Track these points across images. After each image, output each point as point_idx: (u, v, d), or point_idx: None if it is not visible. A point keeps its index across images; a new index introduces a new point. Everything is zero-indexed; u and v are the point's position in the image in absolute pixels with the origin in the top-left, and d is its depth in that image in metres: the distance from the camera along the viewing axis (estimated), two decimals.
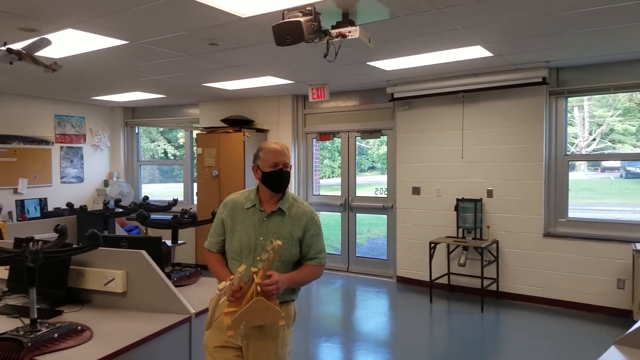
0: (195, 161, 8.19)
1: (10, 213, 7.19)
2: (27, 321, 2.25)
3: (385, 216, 7.27)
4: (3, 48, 3.88)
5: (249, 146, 7.30)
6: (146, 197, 5.10)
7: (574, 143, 6.40)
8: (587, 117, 6.87)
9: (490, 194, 6.09)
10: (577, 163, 6.55)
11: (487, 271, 5.87)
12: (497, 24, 4.02)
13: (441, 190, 6.43)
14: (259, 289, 2.06)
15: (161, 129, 10.06)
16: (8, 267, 2.91)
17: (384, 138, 7.34)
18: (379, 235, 9.82)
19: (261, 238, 2.34)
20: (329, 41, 3.43)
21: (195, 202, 8.16)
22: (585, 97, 6.26)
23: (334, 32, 3.42)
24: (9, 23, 3.80)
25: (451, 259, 6.34)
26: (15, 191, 7.46)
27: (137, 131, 9.49)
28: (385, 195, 7.24)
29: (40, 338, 2.12)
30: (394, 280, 6.94)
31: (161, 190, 10.54)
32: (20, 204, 7.31)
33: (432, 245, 5.99)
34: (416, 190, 6.64)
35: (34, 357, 2.04)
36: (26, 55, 3.93)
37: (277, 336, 2.31)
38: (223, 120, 7.58)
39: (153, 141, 10.83)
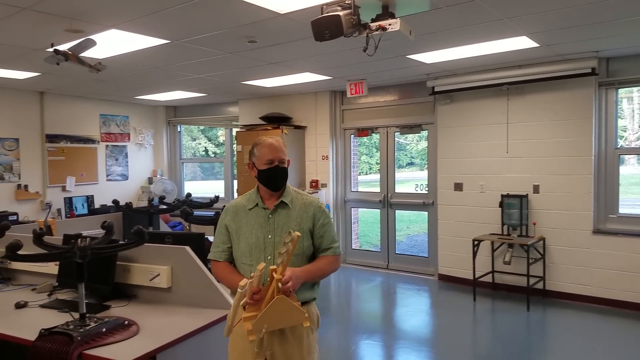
0: (235, 158, 8.28)
1: (59, 210, 7.49)
2: (76, 315, 2.31)
3: (426, 213, 7.14)
4: (50, 49, 4.01)
5: (287, 143, 7.26)
6: (189, 194, 5.18)
7: (622, 136, 6.11)
8: (637, 109, 6.55)
9: (536, 189, 5.87)
10: (627, 157, 6.24)
11: (533, 269, 5.68)
12: (543, 13, 3.86)
13: (485, 186, 6.25)
14: (280, 285, 1.94)
15: (202, 128, 10.23)
16: (58, 262, 3.00)
17: (424, 133, 7.20)
18: (419, 232, 9.68)
19: (269, 236, 2.23)
20: (369, 35, 3.37)
21: (236, 198, 8.25)
22: (635, 88, 5.95)
23: (374, 25, 3.35)
24: (55, 25, 3.92)
25: (495, 256, 6.16)
26: (64, 189, 7.74)
27: (179, 129, 9.68)
28: (426, 192, 7.11)
29: (89, 332, 2.16)
30: (435, 278, 6.82)
31: (202, 187, 10.73)
32: (69, 201, 7.59)
33: (476, 242, 5.83)
34: (458, 186, 6.48)
35: (83, 350, 2.08)
36: (72, 56, 4.05)
37: (302, 342, 2.19)
38: (262, 118, 7.63)
39: (194, 139, 11.04)
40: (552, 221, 5.78)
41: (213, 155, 11.23)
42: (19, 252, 2.30)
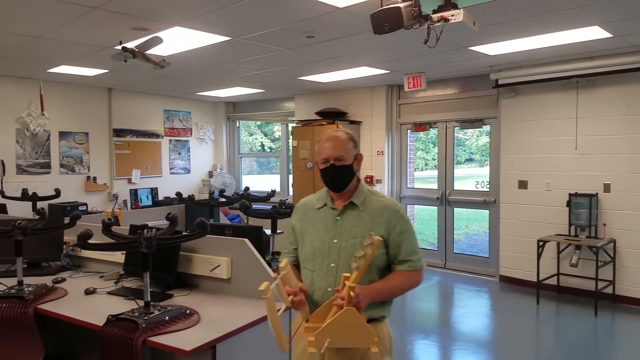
0: (290, 153, 8.36)
1: (125, 201, 7.84)
2: (141, 303, 2.38)
3: (487, 211, 6.91)
4: (119, 47, 4.18)
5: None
6: (247, 188, 5.27)
7: None
8: None
9: (607, 188, 5.53)
10: None
11: (602, 272, 5.36)
12: (618, 1, 3.61)
13: (551, 184, 5.96)
14: (351, 294, 1.70)
15: (258, 123, 10.41)
16: (124, 251, 3.12)
17: (486, 128, 6.96)
18: (479, 231, 9.40)
19: (335, 240, 1.99)
20: (430, 26, 3.27)
21: (291, 193, 8.34)
22: None
23: (436, 16, 3.25)
24: (122, 23, 4.09)
25: (561, 258, 5.86)
26: (130, 181, 8.10)
27: (237, 125, 9.90)
28: (487, 189, 6.87)
29: (153, 320, 2.23)
30: (496, 279, 6.58)
31: (259, 181, 10.92)
32: (134, 193, 7.93)
33: (541, 243, 5.58)
34: (523, 184, 6.21)
35: (147, 337, 2.15)
36: (139, 53, 4.20)
37: None
38: (317, 113, 7.65)
39: (251, 134, 11.24)
40: (624, 222, 5.43)
41: (269, 150, 11.39)
42: (89, 241, 2.40)
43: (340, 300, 1.72)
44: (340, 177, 2.03)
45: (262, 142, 11.88)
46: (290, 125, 8.64)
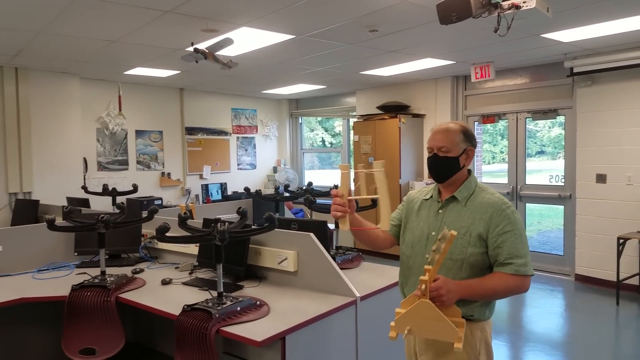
0: (352, 148, 8.36)
1: (197, 196, 8.20)
2: (214, 294, 2.48)
3: (562, 207, 6.56)
4: (190, 49, 4.35)
5: (404, 132, 7.19)
6: (310, 183, 5.31)
7: None
8: None
9: None
10: None
11: None
12: None
13: (633, 177, 5.56)
14: (422, 287, 1.68)
15: (319, 119, 10.50)
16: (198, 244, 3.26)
17: (559, 119, 6.61)
18: (552, 228, 8.94)
19: (433, 233, 1.98)
20: (500, 14, 3.15)
21: (353, 187, 8.33)
22: None
23: (506, 4, 3.12)
24: (193, 25, 4.25)
25: None
26: (201, 177, 8.45)
27: (300, 121, 10.04)
28: (562, 184, 6.53)
29: (225, 310, 2.31)
30: (571, 278, 6.26)
31: (320, 177, 11.01)
32: (205, 188, 8.29)
33: (621, 241, 5.24)
34: (601, 178, 5.85)
35: (220, 327, 2.23)
36: (209, 54, 4.35)
37: None
38: (379, 107, 7.58)
39: (312, 130, 11.35)
40: None
41: (329, 145, 11.46)
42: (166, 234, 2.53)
43: (419, 291, 1.70)
44: (440, 167, 2.01)
45: (322, 138, 11.97)
46: (352, 120, 8.63)
